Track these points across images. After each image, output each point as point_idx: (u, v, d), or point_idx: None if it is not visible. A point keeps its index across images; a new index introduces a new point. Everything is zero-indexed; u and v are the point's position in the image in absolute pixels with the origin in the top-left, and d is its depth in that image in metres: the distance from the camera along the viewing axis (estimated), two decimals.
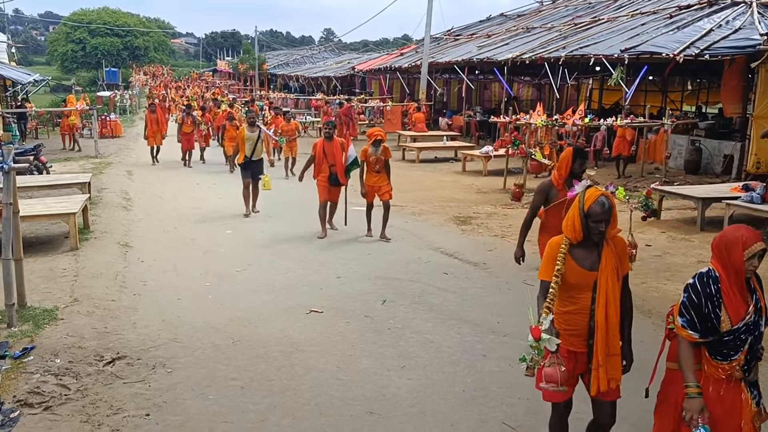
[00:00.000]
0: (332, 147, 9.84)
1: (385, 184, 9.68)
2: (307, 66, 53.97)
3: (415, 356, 5.69)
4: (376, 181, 9.67)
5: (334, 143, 9.87)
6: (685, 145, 16.53)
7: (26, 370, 5.22)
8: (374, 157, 9.55)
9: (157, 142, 18.53)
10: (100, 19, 73.15)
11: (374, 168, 9.64)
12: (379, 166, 9.61)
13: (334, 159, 9.84)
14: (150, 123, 18.39)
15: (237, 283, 7.78)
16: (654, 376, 3.83)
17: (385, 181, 9.69)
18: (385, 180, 9.68)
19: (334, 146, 9.85)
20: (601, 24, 21.58)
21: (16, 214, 6.50)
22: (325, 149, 9.84)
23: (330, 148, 9.84)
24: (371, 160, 9.61)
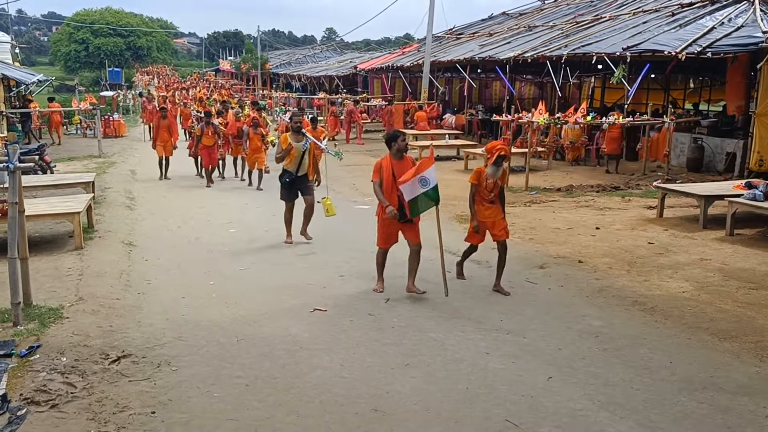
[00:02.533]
0: (403, 167, 7.09)
1: (500, 218, 7.37)
2: (309, 65, 54.00)
3: (418, 354, 5.72)
4: (489, 215, 7.32)
5: (405, 162, 7.16)
6: (687, 143, 16.54)
7: (33, 368, 5.25)
8: (492, 181, 7.22)
9: (168, 152, 15.81)
10: (103, 19, 73.34)
11: (488, 196, 7.29)
12: (494, 194, 7.28)
13: None
14: (160, 130, 15.89)
15: (241, 281, 7.81)
16: None
17: (501, 214, 7.39)
18: (500, 213, 7.39)
19: (405, 166, 7.12)
20: (603, 22, 21.58)
21: (22, 214, 6.53)
22: (394, 171, 7.06)
23: (401, 168, 7.07)
24: (487, 185, 7.24)
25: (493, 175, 7.17)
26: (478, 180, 7.31)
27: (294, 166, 9.34)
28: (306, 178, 9.53)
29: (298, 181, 9.43)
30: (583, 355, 5.72)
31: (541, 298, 7.23)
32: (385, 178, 7.10)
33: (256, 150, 14.66)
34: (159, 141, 15.79)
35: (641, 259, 8.63)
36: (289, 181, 9.38)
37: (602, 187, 14.20)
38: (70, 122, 27.93)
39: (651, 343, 5.99)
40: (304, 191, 9.54)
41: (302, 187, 9.51)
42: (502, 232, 7.35)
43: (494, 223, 7.35)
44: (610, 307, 6.93)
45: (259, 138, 14.66)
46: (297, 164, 9.35)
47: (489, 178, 7.19)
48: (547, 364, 5.53)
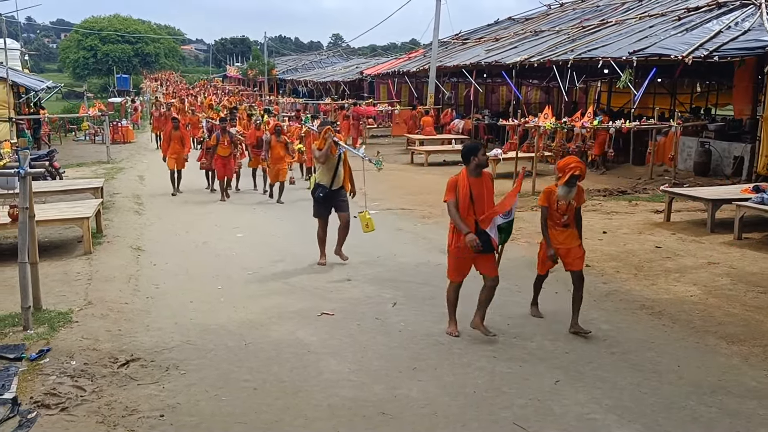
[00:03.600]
0: (482, 186, 6.08)
1: (576, 245, 6.35)
2: (315, 71, 54.12)
3: (425, 358, 5.73)
4: (563, 241, 6.35)
5: (484, 180, 6.13)
6: (694, 147, 16.49)
7: (42, 371, 5.29)
8: (564, 203, 6.24)
9: (180, 165, 14.52)
10: (111, 26, 73.82)
11: (560, 220, 6.33)
12: (568, 217, 6.32)
13: (484, 207, 6.05)
14: (171, 141, 14.49)
15: (248, 285, 7.85)
16: None
17: (576, 240, 6.38)
18: (575, 238, 6.37)
19: (484, 185, 6.10)
20: (609, 27, 21.56)
21: (32, 219, 6.59)
22: (472, 191, 6.04)
23: (479, 187, 6.06)
24: (558, 207, 6.28)
25: (566, 197, 6.18)
26: (548, 201, 6.33)
27: (328, 178, 8.55)
28: (342, 191, 8.71)
29: (332, 195, 8.59)
30: (590, 358, 5.72)
31: (548, 302, 7.22)
32: (461, 199, 6.05)
33: (278, 159, 13.48)
34: (171, 153, 14.36)
35: (648, 263, 8.62)
36: (323, 195, 8.54)
37: (609, 192, 14.18)
38: (79, 128, 28.14)
39: (659, 347, 5.98)
40: (339, 207, 8.67)
41: (337, 201, 8.65)
42: (577, 260, 6.34)
43: (568, 251, 6.34)
44: (618, 311, 6.93)
45: (282, 146, 13.56)
46: (331, 176, 8.55)
47: (561, 199, 6.22)
48: (555, 367, 5.53)
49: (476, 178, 6.10)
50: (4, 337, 6.02)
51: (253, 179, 15.11)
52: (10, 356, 5.49)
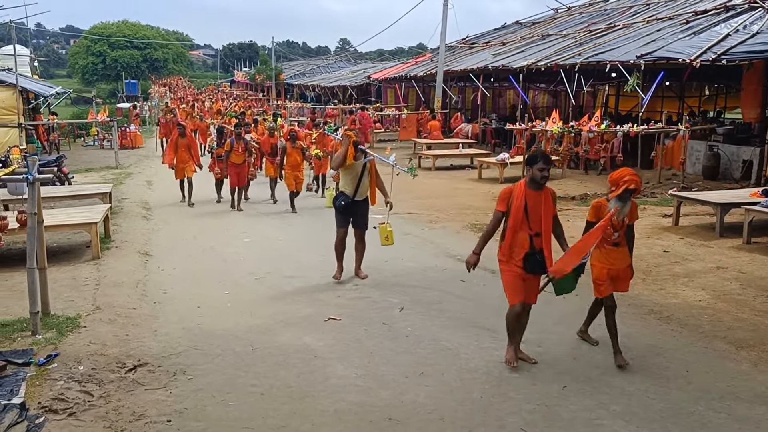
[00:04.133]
0: (539, 201, 5.50)
1: (626, 265, 5.77)
2: (323, 75, 54.28)
3: (432, 363, 5.72)
4: (613, 261, 5.70)
5: (544, 195, 5.53)
6: (703, 151, 16.42)
7: (50, 376, 5.32)
8: (618, 220, 5.58)
9: (189, 173, 13.63)
10: (119, 32, 74.22)
11: (611, 237, 5.65)
12: (620, 235, 5.68)
13: (540, 223, 5.51)
14: (176, 149, 13.56)
15: (255, 290, 7.86)
16: None
17: (627, 259, 5.79)
18: (627, 258, 5.78)
19: (543, 200, 5.52)
20: (617, 30, 21.54)
21: (41, 224, 6.63)
22: (528, 203, 5.47)
23: (536, 203, 5.49)
24: (611, 224, 5.59)
25: (621, 213, 5.55)
26: (597, 217, 5.66)
27: (351, 187, 7.99)
28: (365, 204, 8.15)
29: (354, 207, 8.05)
30: (598, 364, 5.70)
31: (555, 307, 7.19)
32: (513, 211, 5.49)
33: (294, 166, 12.85)
34: (179, 162, 13.52)
35: (657, 268, 8.58)
36: (344, 205, 8.01)
37: None
38: (88, 134, 28.30)
39: (667, 352, 5.95)
40: (357, 222, 8.15)
41: (357, 215, 8.13)
42: (626, 284, 5.83)
43: (618, 273, 5.71)
44: (626, 316, 6.88)
45: (298, 152, 12.91)
46: (355, 185, 7.97)
47: (616, 216, 5.58)
48: (562, 373, 5.51)
49: (535, 191, 5.50)
50: (12, 342, 6.05)
51: (271, 189, 14.10)
52: (19, 361, 5.52)
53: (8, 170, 6.71)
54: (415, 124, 26.85)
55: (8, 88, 20.18)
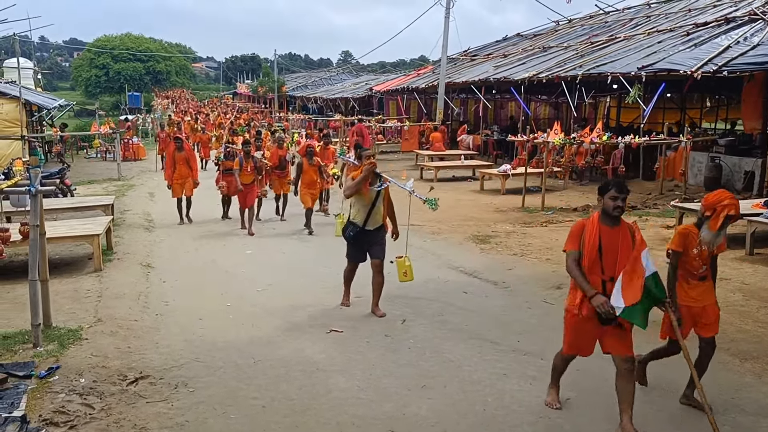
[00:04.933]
0: (617, 239, 4.65)
1: (712, 302, 5.05)
2: (325, 88, 54.47)
3: (435, 375, 5.70)
4: (698, 297, 5.00)
5: (621, 230, 4.68)
6: (704, 162, 16.43)
7: (52, 389, 5.30)
8: (708, 249, 4.94)
9: (187, 191, 12.94)
10: (123, 44, 74.67)
11: (698, 270, 4.98)
12: (706, 266, 5.01)
13: (616, 266, 4.62)
14: (177, 164, 12.88)
15: (257, 303, 7.84)
16: None
17: (713, 295, 5.08)
18: (712, 293, 5.08)
19: (621, 237, 4.66)
20: (618, 42, 21.60)
21: (43, 236, 6.63)
22: (602, 242, 4.65)
23: (612, 241, 4.65)
24: (700, 254, 4.94)
25: (713, 242, 4.88)
26: (685, 245, 4.92)
27: (362, 215, 7.23)
28: (379, 233, 7.37)
29: (366, 237, 7.30)
30: (602, 375, 5.65)
31: (558, 318, 7.12)
32: (587, 250, 4.67)
33: (310, 185, 12.12)
34: (177, 178, 12.80)
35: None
36: (353, 235, 7.32)
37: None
38: (90, 146, 28.39)
39: (670, 364, 5.89)
40: (373, 251, 7.35)
41: (372, 244, 7.35)
42: (713, 324, 5.05)
43: (703, 310, 5.01)
44: None
45: (315, 171, 12.16)
46: (366, 213, 7.21)
47: (704, 244, 4.90)
48: (565, 385, 5.46)
49: (610, 227, 4.65)
50: (14, 355, 6.05)
51: (277, 206, 13.45)
52: (20, 374, 5.51)
53: (11, 182, 6.71)
54: (416, 135, 26.89)
55: (12, 100, 20.27)
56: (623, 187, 4.66)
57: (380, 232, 7.39)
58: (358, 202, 7.26)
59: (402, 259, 7.41)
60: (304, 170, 12.11)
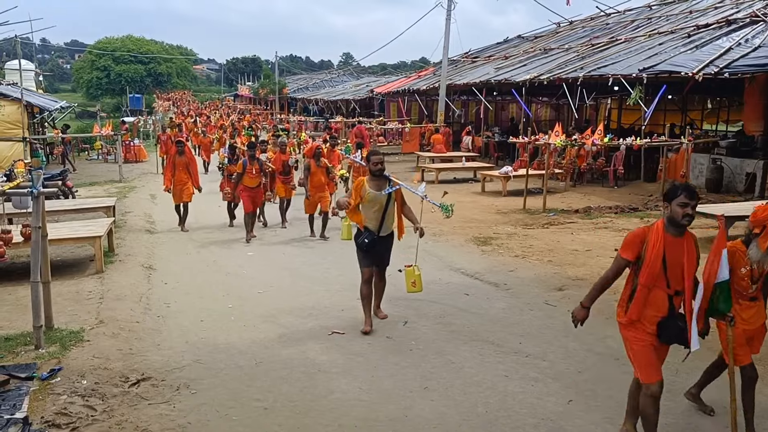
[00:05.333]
0: (681, 250, 4.24)
1: (761, 323, 4.75)
2: (326, 89, 54.51)
3: (437, 377, 5.69)
4: (749, 319, 4.68)
5: (686, 241, 4.27)
6: (706, 164, 16.44)
7: (54, 391, 5.30)
8: (758, 269, 4.56)
9: (186, 197, 12.55)
10: (124, 46, 74.77)
11: (748, 290, 4.63)
12: (758, 286, 4.65)
13: (682, 279, 4.26)
14: (176, 169, 12.45)
15: (259, 304, 7.84)
16: None
17: (763, 316, 4.76)
18: (763, 314, 4.76)
19: (685, 248, 4.25)
20: (619, 44, 21.60)
21: (45, 238, 6.64)
22: (667, 254, 4.23)
23: (677, 250, 4.24)
24: (751, 273, 4.57)
25: (763, 261, 4.48)
26: (732, 264, 4.46)
27: (375, 221, 6.90)
28: (390, 239, 7.12)
29: (380, 243, 6.97)
30: (603, 378, 5.66)
31: (560, 320, 7.17)
32: (648, 262, 4.24)
33: (319, 187, 11.69)
34: (177, 183, 12.46)
35: None
36: (368, 242, 6.88)
37: (620, 209, 14.12)
38: (92, 148, 28.40)
39: (674, 367, 5.90)
40: (383, 261, 7.15)
41: (384, 251, 7.10)
42: (759, 346, 4.82)
43: (754, 333, 4.73)
44: None
45: (323, 172, 11.77)
46: (379, 219, 6.89)
47: (753, 263, 4.52)
48: (567, 387, 5.47)
49: (675, 237, 4.22)
50: (16, 356, 6.05)
51: (281, 211, 12.95)
52: (22, 375, 5.51)
53: (13, 184, 6.72)
54: (417, 137, 26.90)
55: (13, 102, 20.28)
56: (694, 192, 4.20)
57: (391, 238, 7.10)
58: (370, 207, 6.87)
59: (411, 268, 7.07)
60: (312, 172, 11.65)
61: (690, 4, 24.02)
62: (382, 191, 6.85)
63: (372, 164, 6.95)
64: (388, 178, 6.97)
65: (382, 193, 6.85)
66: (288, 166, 12.75)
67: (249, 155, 11.97)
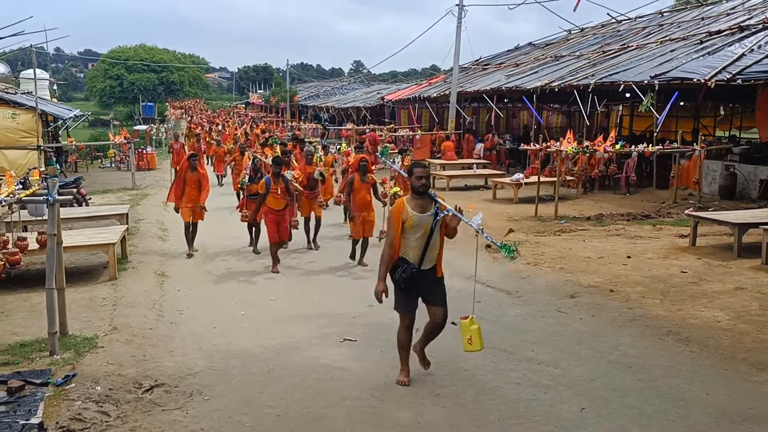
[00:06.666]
0: None
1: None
2: (337, 97, 54.75)
3: (449, 384, 5.69)
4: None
5: None
6: (719, 171, 16.34)
7: (68, 397, 5.34)
8: None
9: (197, 216, 10.90)
10: (137, 55, 75.49)
11: None
12: None
13: None
14: (187, 185, 10.87)
15: (271, 311, 7.87)
16: None
17: None
18: None
19: None
20: (630, 51, 21.58)
21: (60, 245, 6.70)
22: None
23: None
24: None
25: None
26: None
27: (417, 251, 5.57)
28: (434, 273, 5.69)
29: (421, 279, 5.60)
30: (616, 385, 5.64)
31: (572, 327, 7.15)
32: None
33: (363, 206, 9.89)
34: (186, 200, 10.82)
35: (675, 288, 8.50)
36: (407, 277, 5.53)
37: (633, 216, 14.06)
38: (105, 155, 28.64)
39: (686, 374, 5.88)
40: (432, 299, 5.71)
41: (429, 289, 5.69)
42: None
43: None
44: (644, 337, 6.83)
45: (368, 189, 10.02)
46: (422, 248, 5.57)
47: None
48: (580, 395, 5.45)
49: None
50: (31, 362, 6.10)
51: (306, 233, 11.36)
52: (37, 381, 5.56)
53: (29, 192, 6.80)
54: (428, 144, 26.92)
55: (28, 111, 20.49)
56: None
57: (435, 273, 5.72)
58: (413, 233, 5.56)
59: (467, 321, 5.56)
60: (355, 188, 9.89)
61: (702, 11, 23.97)
62: (427, 213, 5.57)
63: (415, 178, 5.62)
64: (434, 198, 5.69)
65: (426, 215, 5.56)
66: (314, 180, 11.19)
67: (274, 172, 10.04)
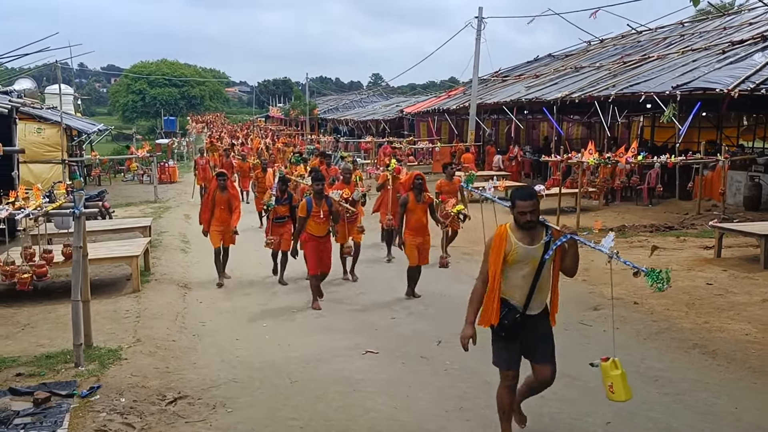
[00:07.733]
0: None
1: None
2: (356, 110, 54.97)
3: (473, 397, 5.65)
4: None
5: None
6: (743, 181, 16.13)
7: (93, 408, 5.38)
8: None
9: (227, 240, 9.89)
10: (158, 70, 76.41)
11: None
12: None
13: None
14: (216, 207, 9.79)
15: (293, 323, 7.89)
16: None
17: None
18: None
19: None
20: (651, 61, 21.42)
21: (86, 257, 6.78)
22: None
23: None
24: None
25: None
26: None
27: (522, 291, 4.52)
28: (544, 318, 4.64)
29: (528, 325, 4.56)
30: (642, 399, 5.56)
31: (596, 340, 7.08)
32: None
33: (420, 229, 8.82)
34: (216, 224, 9.77)
35: (700, 301, 8.38)
36: (508, 325, 4.55)
37: (656, 227, 13.91)
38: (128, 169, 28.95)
39: (714, 388, 5.78)
40: (539, 352, 4.64)
41: (534, 340, 4.62)
42: None
43: None
44: (670, 350, 6.73)
45: (424, 210, 8.89)
46: (528, 288, 4.51)
47: None
48: (606, 408, 5.38)
49: None
50: (56, 374, 6.16)
51: (342, 262, 10.12)
52: (62, 393, 5.61)
53: (56, 205, 6.90)
54: (448, 156, 26.88)
55: (53, 125, 20.80)
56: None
57: (546, 318, 4.66)
58: (516, 270, 4.50)
59: (608, 363, 4.45)
60: (410, 209, 8.82)
61: (724, 21, 23.75)
62: (536, 244, 4.47)
63: (518, 213, 4.45)
64: (545, 224, 4.57)
65: (537, 246, 4.46)
66: (354, 201, 9.79)
67: (316, 191, 8.58)
